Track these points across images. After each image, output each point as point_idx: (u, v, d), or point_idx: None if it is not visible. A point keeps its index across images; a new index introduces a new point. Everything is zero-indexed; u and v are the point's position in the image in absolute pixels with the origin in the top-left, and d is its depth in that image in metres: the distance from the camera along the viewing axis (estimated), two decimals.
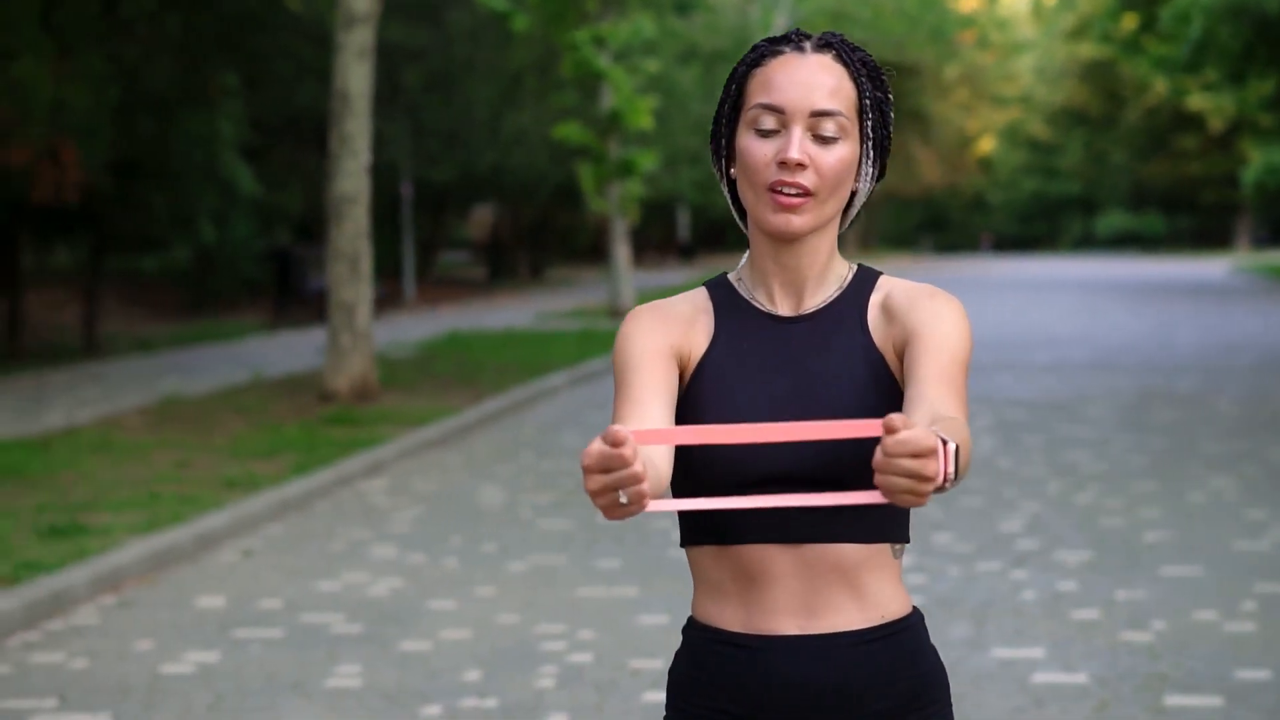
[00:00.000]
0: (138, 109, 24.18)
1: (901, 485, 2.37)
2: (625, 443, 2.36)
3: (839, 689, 2.87)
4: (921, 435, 2.36)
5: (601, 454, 2.37)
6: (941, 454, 2.41)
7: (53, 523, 11.15)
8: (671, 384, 2.92)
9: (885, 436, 2.36)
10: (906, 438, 2.35)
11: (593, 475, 2.38)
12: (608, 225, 34.18)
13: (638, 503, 2.40)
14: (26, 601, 9.13)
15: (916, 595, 9.44)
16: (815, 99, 2.86)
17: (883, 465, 2.36)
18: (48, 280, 35.71)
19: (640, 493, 2.38)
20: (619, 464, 2.36)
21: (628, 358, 2.93)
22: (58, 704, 7.60)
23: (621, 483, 2.38)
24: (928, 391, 2.77)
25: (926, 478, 2.37)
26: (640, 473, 2.37)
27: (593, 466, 2.38)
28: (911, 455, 2.35)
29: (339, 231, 18.24)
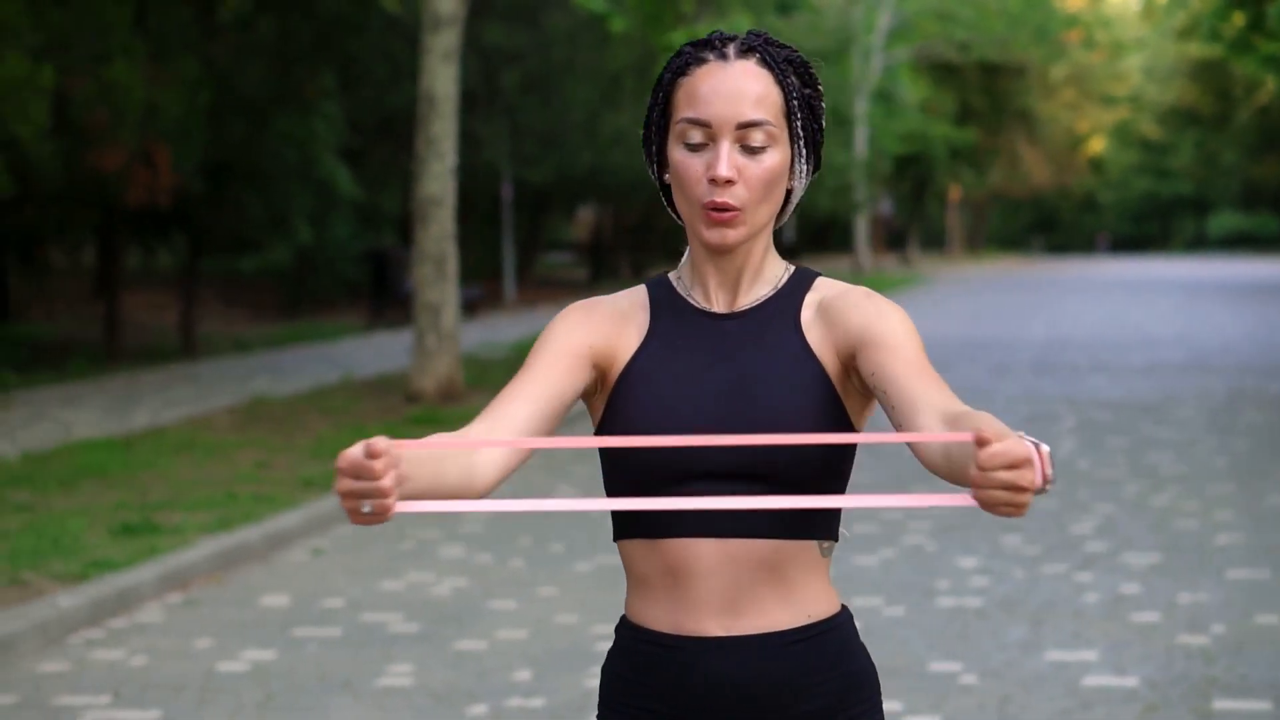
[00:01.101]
0: (231, 112, 24.38)
1: (1000, 498, 2.34)
2: (380, 456, 2.40)
3: (765, 690, 2.87)
4: (1015, 445, 2.32)
5: (354, 462, 2.41)
6: (1037, 459, 2.37)
7: (127, 521, 11.27)
8: (562, 387, 2.93)
9: (979, 450, 2.33)
10: (1002, 449, 2.32)
11: (343, 479, 2.43)
12: None
13: (380, 515, 2.43)
14: (92, 599, 9.24)
15: (977, 598, 9.42)
16: (741, 111, 2.87)
17: (979, 479, 2.34)
18: (151, 282, 36.09)
19: (384, 506, 2.42)
20: (368, 475, 2.41)
21: (533, 354, 2.97)
22: (111, 700, 7.69)
23: (366, 493, 2.42)
24: (920, 390, 2.75)
25: (1023, 488, 2.33)
26: (387, 487, 2.41)
27: (345, 471, 2.42)
28: (1008, 466, 2.33)
29: (425, 233, 18.33)
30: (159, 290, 34.88)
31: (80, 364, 23.19)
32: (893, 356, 2.82)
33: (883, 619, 8.97)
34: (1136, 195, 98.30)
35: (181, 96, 22.00)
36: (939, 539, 11.13)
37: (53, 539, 10.72)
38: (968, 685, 7.71)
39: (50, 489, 12.74)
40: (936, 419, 2.67)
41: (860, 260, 57.01)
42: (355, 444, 2.43)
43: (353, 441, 14.21)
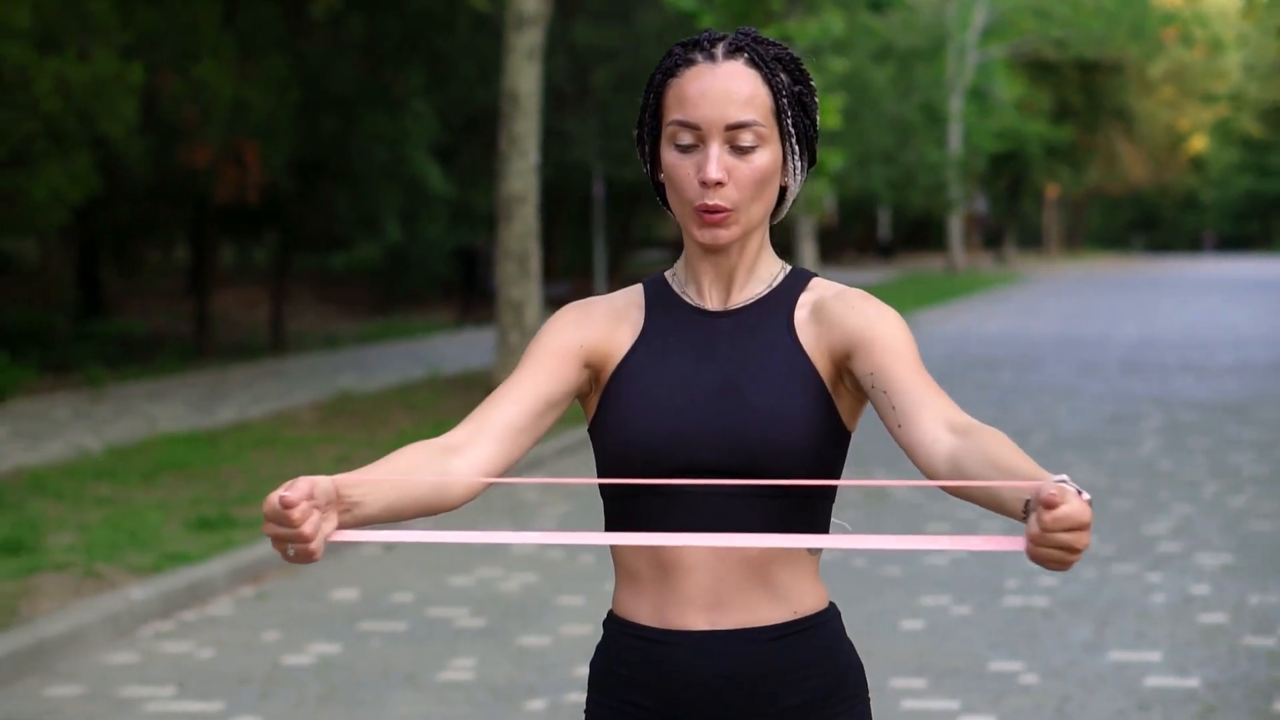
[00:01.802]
0: (320, 110, 24.53)
1: (1054, 557, 2.36)
2: (294, 506, 2.47)
3: (749, 685, 2.88)
4: (1078, 510, 2.33)
5: (272, 510, 2.49)
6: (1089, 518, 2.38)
7: (204, 515, 11.37)
8: (552, 388, 2.96)
9: (1045, 511, 2.33)
10: (1067, 514, 2.32)
11: (268, 523, 2.52)
12: (794, 224, 34.11)
13: (304, 558, 2.52)
14: (163, 591, 9.34)
15: (1044, 597, 9.39)
16: (730, 112, 2.88)
17: (1039, 539, 2.35)
18: (246, 279, 36.38)
19: (305, 551, 2.51)
20: (286, 523, 2.49)
21: (526, 354, 3.02)
22: (175, 692, 7.78)
23: (287, 539, 2.51)
24: (922, 396, 2.78)
25: (1078, 550, 2.35)
26: (307, 534, 2.49)
27: (268, 516, 2.51)
28: (1069, 530, 2.33)
29: (508, 231, 18.40)
30: (253, 287, 35.15)
31: (170, 360, 23.41)
32: (893, 359, 2.84)
33: (948, 618, 8.96)
34: (1238, 194, 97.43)
35: (270, 94, 22.16)
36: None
37: (129, 532, 10.84)
38: (1027, 685, 7.69)
39: (131, 482, 12.88)
40: (942, 425, 2.70)
41: (954, 259, 56.75)
42: (280, 488, 2.50)
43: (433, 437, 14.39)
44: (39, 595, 9.21)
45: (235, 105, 21.40)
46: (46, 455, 14.43)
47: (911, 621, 8.87)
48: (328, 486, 2.56)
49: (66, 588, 9.39)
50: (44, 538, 10.69)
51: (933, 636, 8.58)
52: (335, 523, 2.59)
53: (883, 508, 12.25)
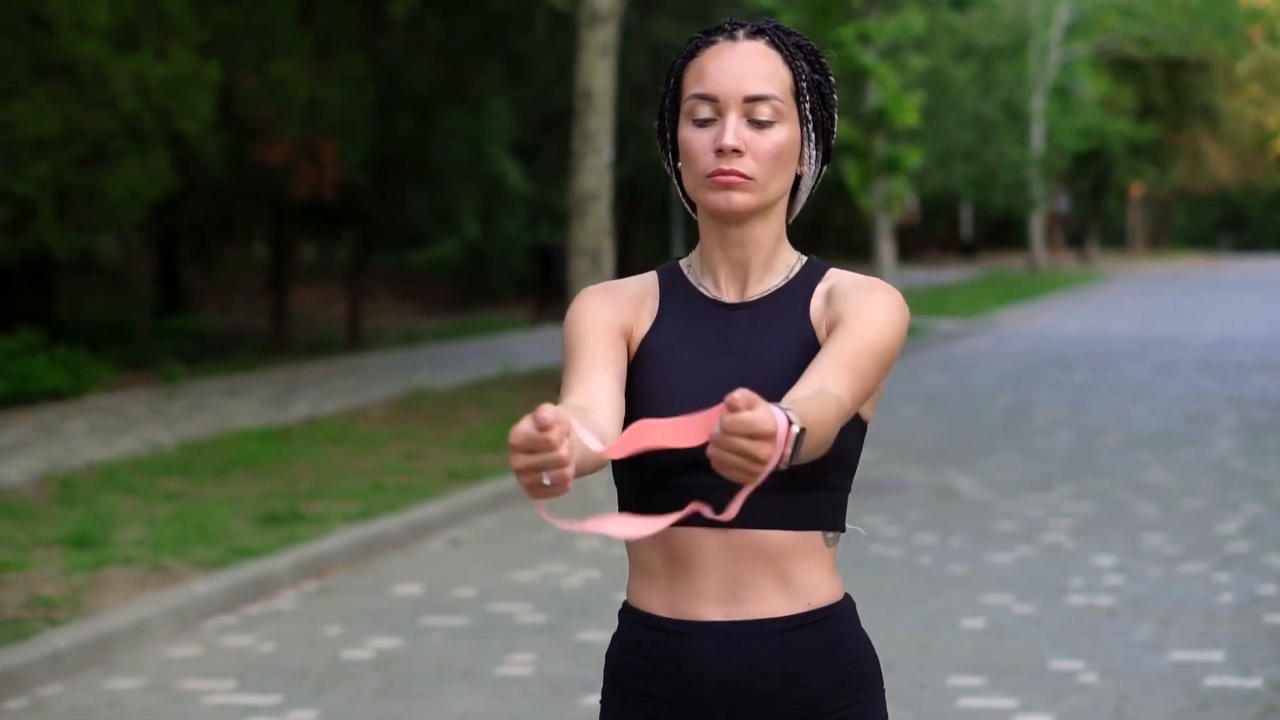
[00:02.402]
0: (397, 107, 24.62)
1: (733, 462, 2.37)
2: (552, 427, 2.38)
3: (763, 675, 2.88)
4: (762, 417, 2.35)
5: (528, 436, 2.39)
6: (782, 435, 2.40)
7: (272, 510, 11.43)
8: (620, 358, 2.95)
9: (726, 413, 2.35)
10: (747, 418, 2.34)
11: (518, 455, 2.40)
12: (873, 222, 33.99)
13: (561, 485, 2.42)
14: (227, 586, 9.40)
15: (1109, 596, 9.34)
16: (748, 84, 2.89)
17: (718, 440, 2.36)
18: (326, 277, 36.55)
19: (564, 476, 2.41)
20: (544, 447, 2.39)
21: (578, 333, 2.97)
22: (235, 685, 7.82)
23: (545, 465, 2.40)
24: (823, 369, 2.77)
25: (759, 459, 2.37)
26: (564, 457, 2.39)
27: (519, 446, 2.40)
28: (748, 436, 2.35)
29: (581, 228, 18.42)
30: (333, 284, 35.30)
31: (247, 356, 23.54)
32: (841, 339, 2.83)
33: (1010, 616, 8.91)
34: None
35: (346, 92, 22.26)
36: (1079, 537, 11.03)
37: (198, 526, 10.91)
38: (1086, 684, 7.64)
39: (202, 478, 12.96)
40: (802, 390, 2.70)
41: (1036, 258, 56.47)
42: (524, 419, 2.41)
43: (504, 435, 14.36)
44: (105, 589, 9.28)
45: (311, 103, 21.51)
46: (120, 450, 14.54)
47: (973, 620, 8.83)
48: (568, 421, 2.46)
49: (132, 581, 9.46)
50: (113, 532, 10.77)
51: (993, 635, 8.54)
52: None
53: (951, 506, 12.20)
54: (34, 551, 10.23)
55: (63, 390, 18.27)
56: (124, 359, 21.90)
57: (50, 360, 18.45)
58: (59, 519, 11.24)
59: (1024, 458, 14.56)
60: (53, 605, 8.89)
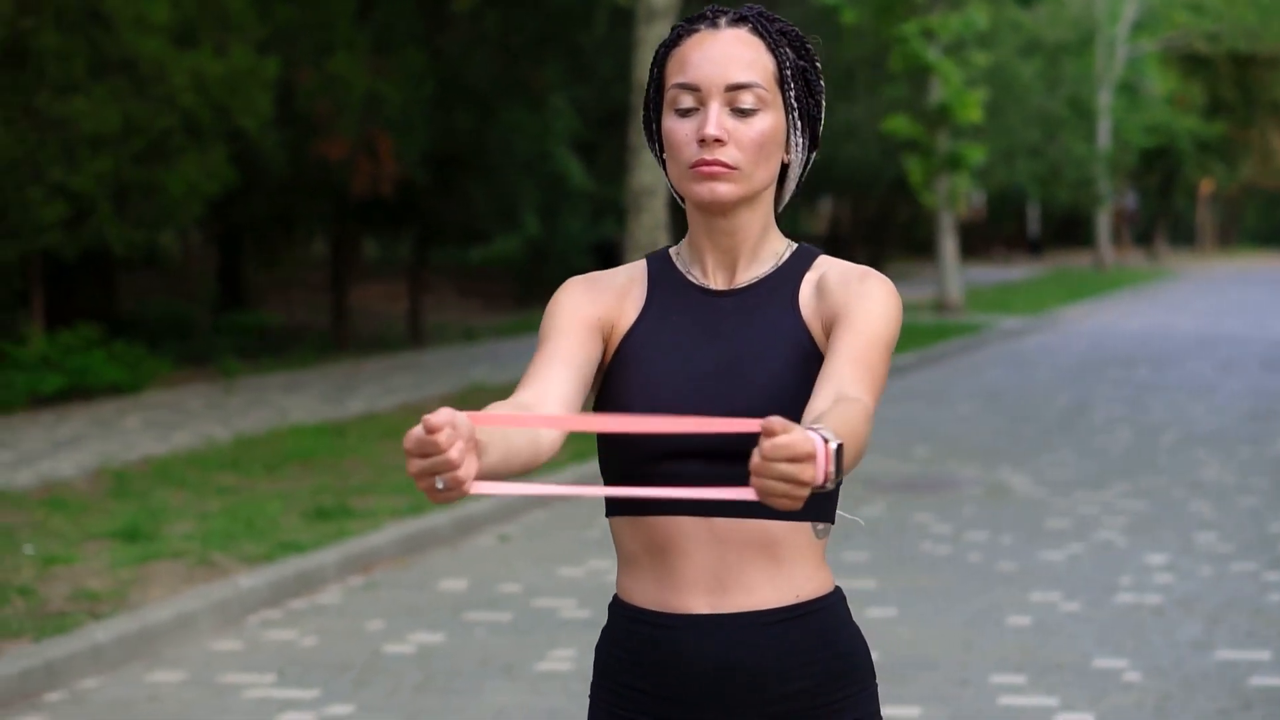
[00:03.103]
0: (456, 103, 24.64)
1: (777, 489, 2.34)
2: (440, 430, 2.37)
3: (751, 669, 2.84)
4: (800, 440, 2.32)
5: (418, 440, 2.39)
6: (822, 455, 2.36)
7: (322, 505, 11.44)
8: (588, 353, 2.93)
9: (763, 440, 2.32)
10: (785, 442, 2.31)
11: (411, 459, 2.41)
12: (935, 219, 33.86)
13: (455, 488, 2.41)
14: (272, 580, 9.41)
15: (1157, 595, 9.26)
16: (730, 73, 2.86)
17: (759, 469, 2.33)
18: (389, 272, 36.62)
19: (456, 479, 2.40)
20: (433, 450, 2.38)
21: (549, 326, 2.96)
22: (275, 680, 7.83)
23: (436, 469, 2.39)
24: (839, 370, 2.73)
25: (803, 482, 2.33)
26: (454, 460, 2.38)
27: (411, 450, 2.40)
28: (789, 460, 2.32)
29: (637, 223, 18.39)
30: (395, 280, 35.37)
31: (306, 352, 23.60)
32: (848, 335, 2.80)
33: (1057, 614, 8.85)
34: None
35: (404, 87, 22.29)
36: (1131, 535, 10.94)
37: (247, 521, 10.93)
38: (1129, 683, 7.58)
39: (255, 473, 12.99)
40: (829, 400, 2.66)
41: (1102, 255, 56.14)
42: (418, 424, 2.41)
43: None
44: (151, 582, 9.31)
45: (369, 99, 21.55)
46: (175, 445, 14.59)
47: (1019, 617, 8.77)
48: (467, 423, 2.44)
49: (178, 575, 9.48)
50: (163, 526, 10.80)
51: (1039, 633, 8.48)
52: (477, 464, 2.46)
53: (1004, 503, 12.12)
54: (84, 545, 10.27)
55: (121, 385, 18.35)
56: (184, 354, 22.00)
57: (109, 355, 18.55)
58: (110, 513, 11.28)
59: (1080, 455, 14.46)
60: (98, 599, 8.92)
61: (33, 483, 12.59)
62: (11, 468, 13.35)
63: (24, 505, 11.59)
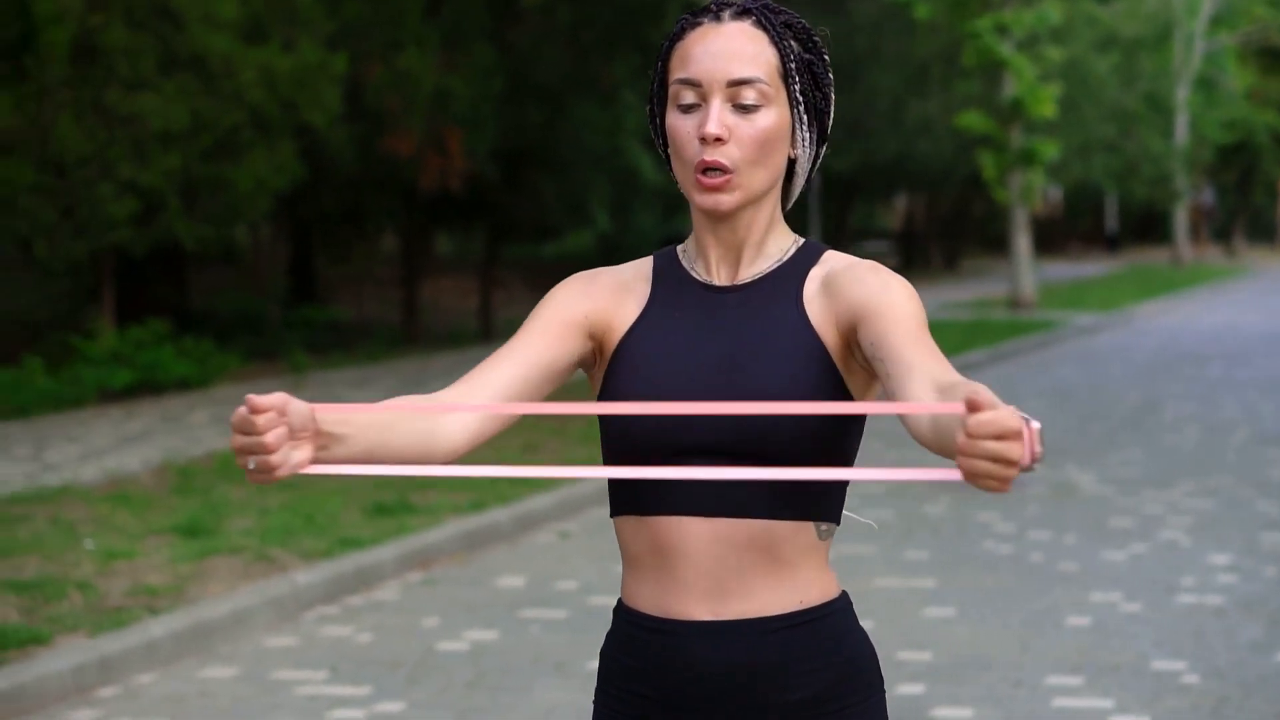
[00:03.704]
0: (526, 98, 24.64)
1: (985, 469, 2.24)
2: (262, 412, 2.41)
3: (753, 676, 2.79)
4: (1007, 415, 2.23)
5: (240, 417, 2.43)
6: (1027, 434, 2.27)
7: (382, 501, 11.45)
8: (554, 355, 2.89)
9: (968, 415, 2.24)
10: (991, 418, 2.23)
11: (235, 434, 2.45)
12: (1009, 214, 33.66)
13: (265, 471, 2.44)
14: (330, 576, 9.41)
15: (1219, 596, 9.17)
16: (731, 68, 2.81)
17: (966, 447, 2.24)
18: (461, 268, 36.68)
19: (266, 464, 2.43)
20: (251, 429, 2.42)
21: (529, 320, 2.93)
22: (328, 676, 7.83)
23: (249, 448, 2.43)
24: (917, 356, 2.65)
25: (1012, 461, 2.24)
26: (269, 444, 2.42)
27: (234, 426, 2.44)
28: (996, 437, 2.23)
29: None
30: (468, 276, 35.43)
31: (376, 347, 23.66)
32: (893, 326, 2.72)
33: (1116, 615, 8.76)
34: None
35: (473, 83, 22.30)
36: (1195, 535, 10.84)
37: (307, 516, 10.95)
38: (1187, 685, 7.49)
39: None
40: (929, 387, 2.56)
41: (1180, 251, 55.73)
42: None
43: None
44: (209, 578, 9.33)
45: (438, 94, 21.58)
46: None
47: (1078, 618, 8.69)
48: (304, 411, 2.48)
49: (236, 571, 9.50)
50: (224, 522, 10.83)
51: (1097, 634, 8.40)
52: (309, 454, 2.50)
53: (1068, 502, 12.03)
54: (145, 540, 10.30)
55: (190, 380, 18.44)
56: (254, 349, 22.08)
57: (178, 351, 18.64)
58: (173, 508, 11.33)
59: (1148, 454, 14.34)
60: (156, 594, 8.94)
61: (98, 477, 12.65)
62: (78, 462, 13.42)
63: (88, 500, 11.65)
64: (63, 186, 17.84)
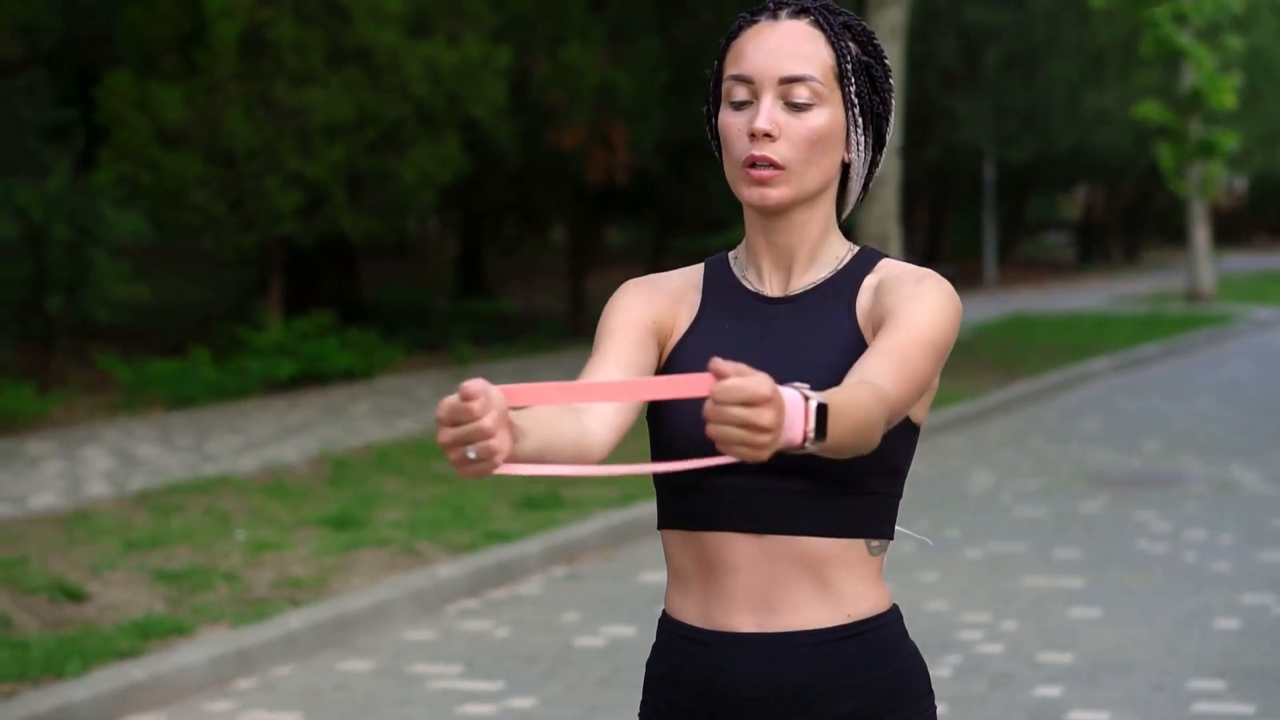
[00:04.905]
0: (691, 91, 24.62)
1: (734, 436, 2.21)
2: (476, 398, 2.29)
3: (798, 690, 2.73)
4: (753, 382, 2.20)
5: (452, 407, 2.31)
6: (799, 410, 2.26)
7: (532, 494, 11.45)
8: (643, 357, 2.84)
9: (714, 382, 2.22)
10: (737, 383, 2.20)
11: (443, 428, 2.33)
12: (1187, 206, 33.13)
13: (488, 459, 2.32)
14: (473, 570, 9.43)
15: None
16: (784, 65, 2.74)
17: (712, 413, 2.22)
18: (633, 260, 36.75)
19: (489, 449, 2.30)
20: (467, 418, 2.30)
21: (605, 329, 2.87)
22: (462, 671, 7.83)
23: (468, 437, 2.31)
24: (869, 361, 2.61)
25: (761, 428, 2.20)
26: (488, 428, 2.29)
27: (443, 419, 2.32)
28: (742, 403, 2.20)
29: (867, 213, 18.25)
30: (637, 268, 35.50)
31: (541, 339, 23.74)
32: (890, 333, 2.67)
33: (1268, 618, 8.58)
34: None
35: (638, 76, 22.31)
36: None
37: (456, 509, 10.98)
38: None
39: None
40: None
41: None
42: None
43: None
44: (353, 570, 9.38)
45: (603, 88, 21.60)
46: (399, 432, 14.73)
47: (1227, 620, 8.51)
48: (500, 397, 2.35)
49: (380, 563, 9.54)
50: (374, 513, 10.89)
51: (1246, 637, 8.22)
52: (510, 441, 2.37)
53: (1229, 501, 11.80)
54: (295, 532, 10.38)
55: (355, 372, 18.60)
56: (419, 341, 22.23)
57: (342, 342, 18.80)
58: (325, 499, 11.41)
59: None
60: (300, 586, 9.01)
61: (256, 468, 12.78)
62: (238, 453, 13.57)
63: (244, 491, 11.76)
64: (231, 179, 18.07)
